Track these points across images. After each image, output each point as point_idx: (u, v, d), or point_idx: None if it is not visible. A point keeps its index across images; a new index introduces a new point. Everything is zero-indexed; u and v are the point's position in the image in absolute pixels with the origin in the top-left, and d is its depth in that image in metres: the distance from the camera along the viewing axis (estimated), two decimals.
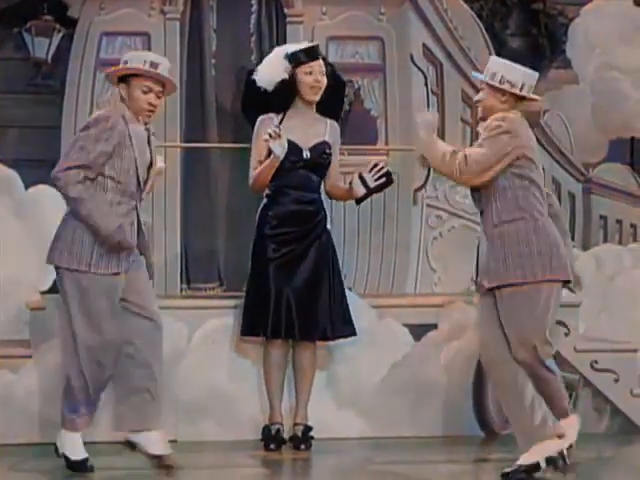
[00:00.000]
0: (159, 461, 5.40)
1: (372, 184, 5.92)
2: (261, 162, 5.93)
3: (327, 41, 7.47)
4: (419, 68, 7.65)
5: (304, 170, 5.93)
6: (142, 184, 5.46)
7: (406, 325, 6.32)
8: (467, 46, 8.24)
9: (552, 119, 9.36)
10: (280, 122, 5.96)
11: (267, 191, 5.98)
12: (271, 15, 7.55)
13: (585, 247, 8.67)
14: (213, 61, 7.27)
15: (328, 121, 6.07)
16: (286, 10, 7.49)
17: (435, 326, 6.47)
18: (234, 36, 7.48)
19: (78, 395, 5.37)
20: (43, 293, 6.37)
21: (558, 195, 9.28)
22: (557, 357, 6.45)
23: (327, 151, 5.99)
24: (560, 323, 6.46)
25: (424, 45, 7.76)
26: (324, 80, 6.01)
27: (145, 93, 5.45)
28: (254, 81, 6.13)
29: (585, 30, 9.53)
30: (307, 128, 5.98)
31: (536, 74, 5.65)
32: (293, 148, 5.89)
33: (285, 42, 7.51)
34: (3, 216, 6.99)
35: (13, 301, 6.77)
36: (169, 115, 6.99)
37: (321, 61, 6.06)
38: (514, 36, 9.51)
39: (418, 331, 6.43)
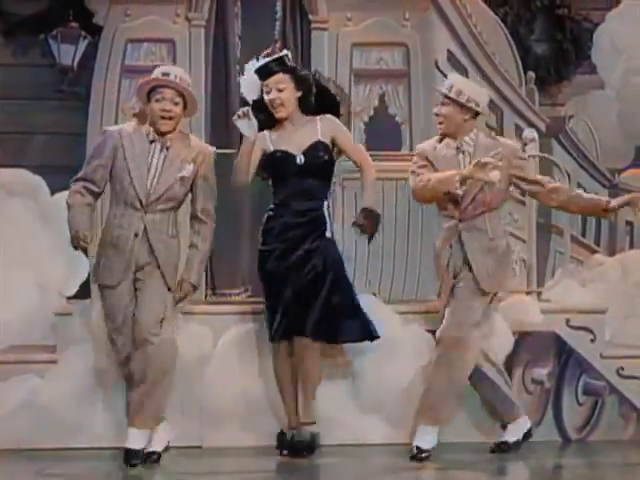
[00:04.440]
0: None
1: (370, 230, 5.84)
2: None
3: (352, 47, 7.48)
4: (444, 74, 7.63)
5: (302, 177, 5.81)
6: (143, 195, 5.58)
7: (430, 331, 6.30)
8: (492, 51, 8.22)
9: (577, 125, 9.35)
10: (271, 135, 5.87)
11: (271, 204, 5.91)
12: (296, 21, 7.57)
13: (611, 253, 8.62)
14: (238, 67, 7.27)
15: (318, 118, 5.91)
16: (311, 16, 7.51)
17: None
18: (259, 42, 7.47)
19: None
20: (69, 298, 6.40)
21: None
22: (583, 363, 6.45)
23: (322, 150, 5.84)
24: (586, 329, 6.44)
25: (449, 51, 7.76)
26: (282, 95, 5.81)
27: (158, 101, 5.64)
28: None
29: (610, 35, 9.51)
30: (297, 134, 5.85)
31: (487, 92, 6.06)
32: (287, 157, 5.80)
33: (309, 48, 7.54)
34: (29, 222, 7.02)
35: (39, 306, 6.80)
36: (194, 121, 7.01)
37: (279, 76, 5.84)
38: (539, 41, 9.51)
39: None
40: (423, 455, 5.79)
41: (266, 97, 5.84)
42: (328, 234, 5.85)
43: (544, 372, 6.44)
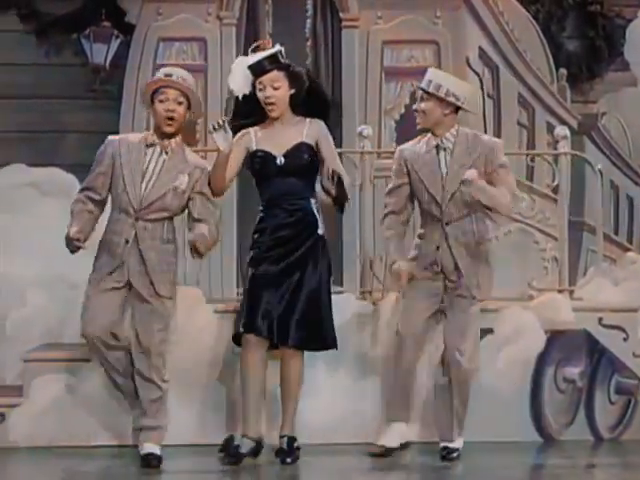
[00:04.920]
0: None
1: (333, 192, 5.59)
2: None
3: (382, 45, 7.48)
4: (475, 71, 7.63)
5: (283, 177, 5.69)
6: (136, 202, 5.60)
7: None
8: (523, 49, 8.19)
9: (610, 122, 9.28)
10: (256, 133, 5.76)
11: (260, 206, 5.81)
12: (326, 19, 7.58)
13: None
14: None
15: (308, 120, 5.77)
16: (341, 14, 7.52)
17: (491, 330, 6.43)
18: (290, 40, 7.47)
19: None
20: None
21: (616, 199, 9.20)
22: (615, 362, 6.42)
23: (305, 152, 5.70)
24: (618, 328, 6.41)
25: (480, 48, 7.74)
26: (277, 93, 5.68)
27: (162, 102, 5.66)
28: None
29: None
30: (282, 134, 5.72)
31: (472, 87, 5.95)
32: (267, 158, 5.70)
33: (340, 46, 7.55)
34: (61, 221, 7.05)
35: (74, 304, 6.83)
36: None
37: (274, 73, 5.68)
38: (571, 38, 9.44)
39: None
40: (455, 455, 5.79)
41: (260, 94, 5.70)
42: (320, 231, 5.74)
43: (576, 371, 6.42)
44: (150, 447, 5.65)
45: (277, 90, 5.69)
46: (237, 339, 5.75)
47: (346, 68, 7.51)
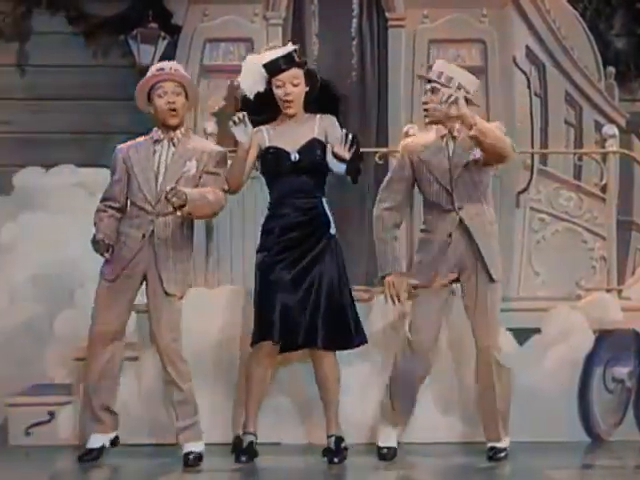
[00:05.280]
0: None
1: (347, 155, 5.53)
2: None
3: (429, 44, 7.46)
4: (522, 70, 7.58)
5: (297, 175, 5.70)
6: (151, 197, 5.66)
7: (510, 329, 6.26)
8: (570, 47, 8.13)
9: None
10: (269, 130, 5.78)
11: (268, 204, 5.82)
12: (372, 19, 7.57)
13: None
14: (315, 65, 7.29)
15: (318, 116, 5.79)
16: (387, 14, 7.50)
17: (539, 330, 6.41)
18: (336, 40, 7.52)
19: None
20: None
21: None
22: None
23: (318, 148, 5.70)
24: None
25: (527, 46, 7.69)
26: (296, 90, 5.71)
27: (161, 96, 5.73)
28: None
29: None
30: (295, 131, 5.73)
31: (475, 78, 5.93)
32: (281, 154, 5.71)
33: (386, 46, 7.53)
34: None
35: None
36: None
37: (294, 70, 5.70)
38: (619, 36, 9.37)
39: (522, 335, 6.37)
40: (502, 454, 5.78)
41: (279, 91, 5.71)
42: (332, 230, 5.75)
43: (625, 371, 6.37)
44: (189, 446, 5.70)
45: (296, 87, 5.73)
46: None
47: (392, 68, 7.49)
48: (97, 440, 5.81)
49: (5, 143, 8.85)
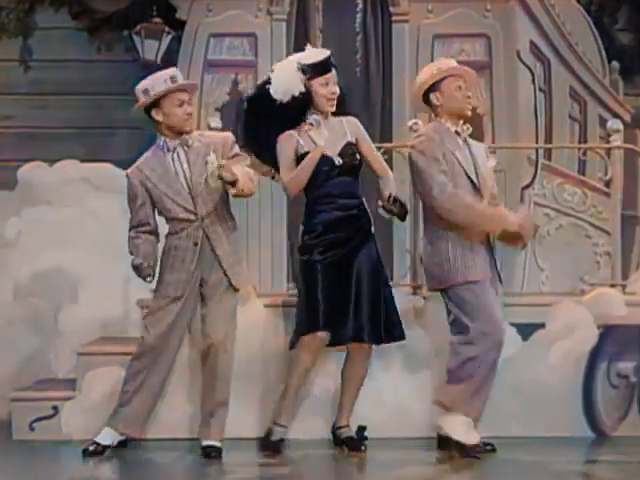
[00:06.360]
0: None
1: (395, 210, 5.72)
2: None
3: (433, 39, 7.45)
4: (526, 65, 7.57)
5: (341, 177, 5.80)
6: (189, 205, 5.68)
7: (514, 324, 6.26)
8: (575, 42, 8.13)
9: None
10: (301, 136, 5.82)
11: (307, 204, 5.86)
12: (377, 14, 7.56)
13: None
14: None
15: (343, 120, 5.89)
16: (392, 9, 7.49)
17: (543, 325, 6.40)
18: (340, 35, 7.51)
19: None
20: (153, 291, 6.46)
21: None
22: None
23: (355, 151, 5.83)
24: None
25: (531, 41, 7.68)
26: (337, 90, 5.84)
27: (180, 106, 5.73)
28: (256, 99, 5.90)
29: None
30: (329, 135, 5.81)
31: None
32: (323, 159, 5.77)
33: (390, 41, 7.53)
34: (113, 215, 7.12)
35: (123, 299, 6.90)
36: None
37: (334, 71, 5.87)
38: (623, 31, 9.35)
39: (526, 330, 6.36)
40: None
41: (324, 90, 5.78)
42: (372, 229, 5.87)
43: (629, 366, 6.36)
44: (210, 441, 5.76)
45: (337, 86, 5.85)
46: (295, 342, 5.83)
47: (397, 62, 7.49)
48: (108, 436, 5.81)
49: (8, 138, 8.85)
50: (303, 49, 6.00)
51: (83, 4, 8.91)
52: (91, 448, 5.77)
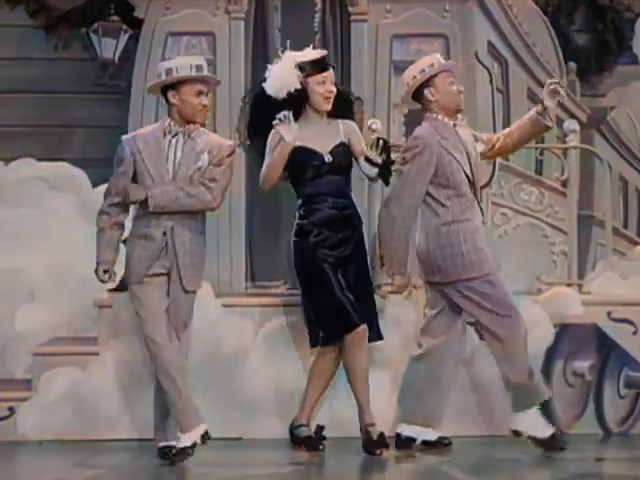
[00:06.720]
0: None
1: (379, 159, 5.69)
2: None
3: (391, 39, 7.47)
4: (484, 65, 7.61)
5: (331, 175, 5.83)
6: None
7: (470, 323, 6.27)
8: (532, 42, 8.18)
9: (619, 116, 9.27)
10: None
11: (299, 202, 5.87)
12: (335, 14, 7.57)
13: None
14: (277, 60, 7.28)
15: (340, 122, 5.92)
16: (350, 9, 7.51)
17: None
18: (298, 35, 7.49)
19: None
20: (110, 291, 6.45)
21: (625, 192, 9.18)
22: (625, 356, 6.41)
23: (347, 152, 5.85)
24: (627, 322, 6.40)
25: (489, 42, 7.73)
26: (334, 89, 5.88)
27: (198, 96, 5.67)
28: (259, 99, 5.95)
29: None
30: (322, 134, 5.84)
31: None
32: (313, 154, 5.80)
33: (349, 40, 7.54)
34: (70, 215, 7.08)
35: (80, 299, 6.85)
36: (232, 114, 7.02)
37: (332, 70, 5.92)
38: (580, 32, 9.42)
39: None
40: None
41: (320, 88, 5.82)
42: (362, 228, 5.91)
43: (585, 365, 6.41)
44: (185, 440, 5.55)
45: (333, 86, 5.89)
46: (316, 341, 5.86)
47: (355, 62, 7.50)
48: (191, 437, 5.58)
49: None
50: (260, 49, 6.00)
51: (40, 2, 8.84)
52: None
